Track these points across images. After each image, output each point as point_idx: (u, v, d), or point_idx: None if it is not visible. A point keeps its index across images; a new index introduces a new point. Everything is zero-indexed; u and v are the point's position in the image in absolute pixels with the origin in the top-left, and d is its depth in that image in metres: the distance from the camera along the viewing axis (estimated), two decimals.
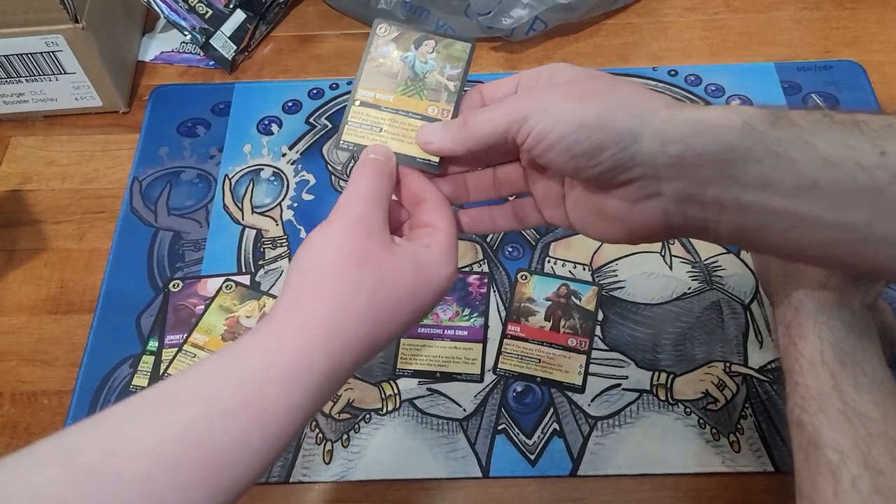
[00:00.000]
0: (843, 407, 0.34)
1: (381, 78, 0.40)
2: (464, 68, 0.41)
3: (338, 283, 0.33)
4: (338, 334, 0.32)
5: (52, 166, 0.65)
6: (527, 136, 0.34)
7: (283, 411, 0.30)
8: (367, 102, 0.40)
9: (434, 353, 0.53)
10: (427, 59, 0.41)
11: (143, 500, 0.27)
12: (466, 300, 0.56)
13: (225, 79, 0.70)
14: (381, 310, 0.33)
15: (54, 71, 0.63)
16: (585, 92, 0.34)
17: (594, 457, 0.49)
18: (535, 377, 0.52)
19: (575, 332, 0.54)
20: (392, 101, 0.40)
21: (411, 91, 0.40)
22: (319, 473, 0.49)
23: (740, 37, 0.71)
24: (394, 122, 0.40)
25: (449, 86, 0.40)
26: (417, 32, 0.41)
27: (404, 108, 0.40)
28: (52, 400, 0.52)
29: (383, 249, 0.34)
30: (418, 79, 0.40)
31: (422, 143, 0.38)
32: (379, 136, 0.39)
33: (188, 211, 0.61)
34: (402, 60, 0.41)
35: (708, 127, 0.32)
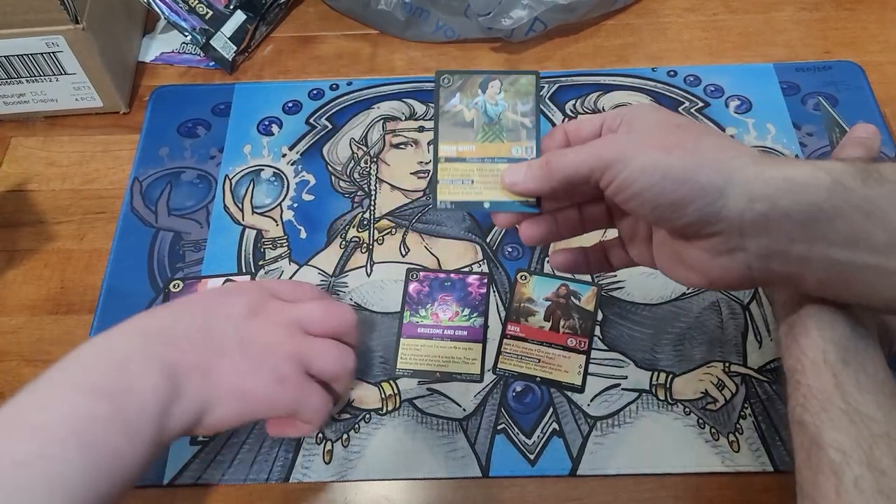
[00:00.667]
0: (846, 407, 0.34)
1: (458, 130, 0.41)
2: (535, 102, 0.41)
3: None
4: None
5: (52, 167, 0.65)
6: (609, 182, 0.35)
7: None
8: (451, 158, 0.41)
9: (434, 353, 0.53)
10: (497, 100, 0.42)
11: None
12: (466, 300, 0.56)
13: (225, 79, 0.71)
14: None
15: (55, 72, 0.63)
16: (670, 143, 0.34)
17: (593, 456, 0.49)
18: (535, 377, 0.52)
19: (574, 332, 0.54)
20: (475, 150, 0.41)
21: (491, 136, 0.41)
22: (319, 473, 0.49)
23: (739, 37, 0.71)
24: (482, 170, 0.40)
25: (525, 122, 0.41)
26: (480, 75, 0.42)
27: (489, 155, 0.41)
28: None
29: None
30: (494, 122, 0.41)
31: (508, 185, 0.39)
32: (472, 188, 0.40)
33: (188, 211, 0.62)
34: (473, 107, 0.41)
35: (796, 186, 0.33)
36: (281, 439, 0.50)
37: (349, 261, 0.58)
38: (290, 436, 0.48)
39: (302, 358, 0.44)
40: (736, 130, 0.64)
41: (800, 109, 0.65)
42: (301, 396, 0.44)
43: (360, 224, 0.60)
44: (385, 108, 0.67)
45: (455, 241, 0.59)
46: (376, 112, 0.67)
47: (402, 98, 0.68)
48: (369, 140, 0.65)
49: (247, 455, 0.50)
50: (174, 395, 0.39)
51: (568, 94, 0.67)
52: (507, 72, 0.42)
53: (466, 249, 0.59)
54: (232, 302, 0.45)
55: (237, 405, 0.42)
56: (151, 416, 0.38)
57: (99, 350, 0.39)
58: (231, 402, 0.41)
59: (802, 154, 0.62)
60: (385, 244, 0.59)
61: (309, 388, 0.44)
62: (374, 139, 0.65)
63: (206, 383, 0.41)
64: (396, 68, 0.70)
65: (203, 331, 0.42)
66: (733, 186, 0.33)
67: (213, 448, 0.50)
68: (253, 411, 0.43)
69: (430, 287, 0.56)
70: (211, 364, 0.41)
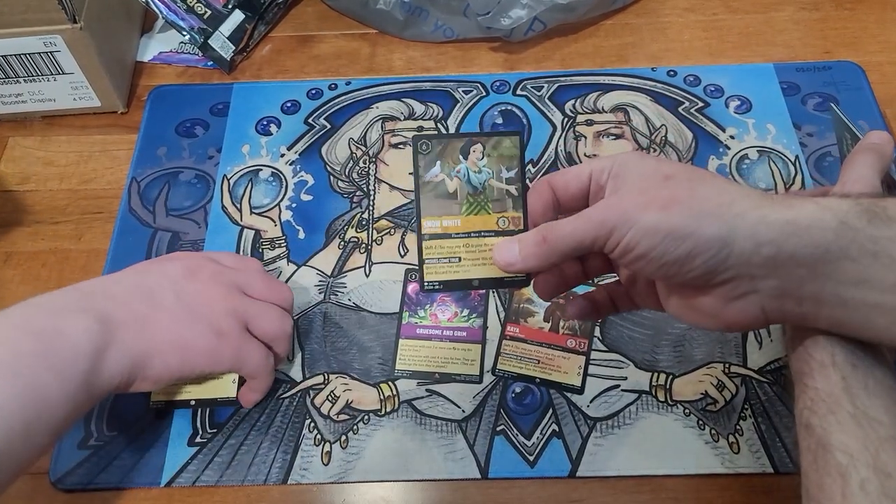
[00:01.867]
0: (854, 410, 0.34)
1: (441, 202, 0.39)
2: (519, 167, 0.39)
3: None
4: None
5: (50, 167, 0.65)
6: (614, 247, 0.35)
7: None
8: (435, 234, 0.39)
9: (433, 354, 0.53)
10: (479, 167, 0.40)
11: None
12: (465, 301, 0.55)
13: (223, 79, 0.70)
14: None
15: (52, 71, 0.63)
16: (666, 199, 0.34)
17: (593, 458, 0.49)
18: (534, 378, 0.52)
19: (574, 332, 0.54)
20: (460, 224, 0.39)
21: (476, 208, 0.39)
22: (318, 475, 0.49)
23: (739, 37, 0.71)
24: (468, 246, 0.39)
25: (511, 190, 0.39)
26: (460, 139, 0.39)
27: (475, 229, 0.39)
28: None
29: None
30: (478, 192, 0.39)
31: (503, 266, 0.38)
32: (460, 266, 0.39)
33: (186, 211, 0.61)
34: (455, 176, 0.39)
35: (801, 228, 0.33)
36: (279, 440, 0.50)
37: (348, 261, 0.58)
38: (250, 400, 0.50)
39: (241, 315, 0.46)
40: (736, 130, 0.64)
41: (800, 109, 0.65)
42: (241, 351, 0.46)
43: (358, 224, 0.60)
44: (384, 107, 0.67)
45: None
46: (375, 112, 0.67)
47: (401, 98, 0.68)
48: (368, 140, 0.65)
49: (245, 456, 0.50)
50: (108, 340, 0.41)
51: (567, 94, 0.67)
52: (488, 133, 0.41)
53: None
54: (171, 264, 0.47)
55: (176, 357, 0.43)
56: (82, 359, 0.39)
57: (39, 301, 0.42)
58: (170, 354, 0.43)
59: (803, 155, 0.62)
60: (384, 244, 0.59)
61: (248, 344, 0.46)
62: (372, 139, 0.65)
63: (143, 335, 0.42)
64: (395, 68, 0.70)
65: (141, 287, 0.45)
66: (737, 235, 0.33)
67: (211, 449, 0.50)
68: (193, 365, 0.44)
69: None
70: (148, 316, 0.43)
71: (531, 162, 0.63)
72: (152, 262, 0.49)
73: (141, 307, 0.44)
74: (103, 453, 0.50)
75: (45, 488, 0.49)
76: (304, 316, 0.55)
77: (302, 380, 0.53)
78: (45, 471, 0.49)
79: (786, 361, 0.52)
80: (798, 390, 0.37)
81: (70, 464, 0.49)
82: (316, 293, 0.56)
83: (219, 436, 0.50)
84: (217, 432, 0.50)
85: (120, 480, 0.49)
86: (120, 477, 0.49)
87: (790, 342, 0.39)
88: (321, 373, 0.53)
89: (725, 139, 0.63)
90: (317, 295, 0.56)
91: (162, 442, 0.50)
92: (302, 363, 0.53)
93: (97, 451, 0.50)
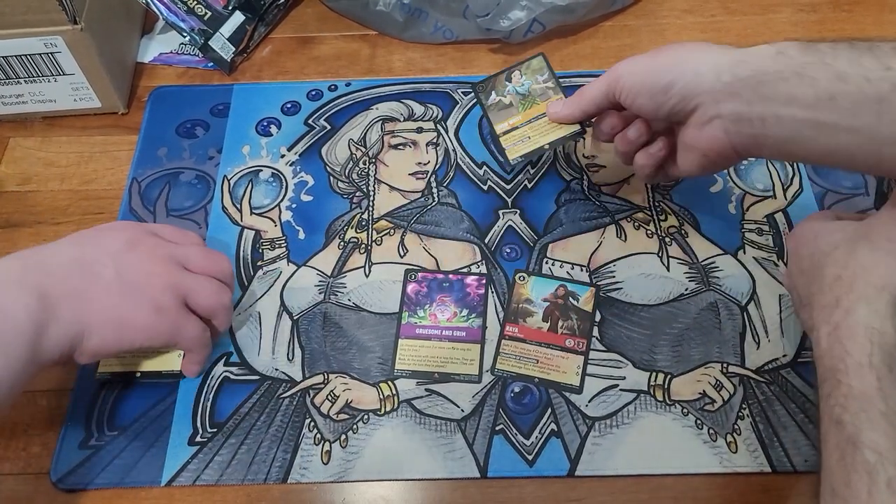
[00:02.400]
0: (886, 410, 0.35)
1: (503, 112, 0.58)
2: (549, 72, 0.59)
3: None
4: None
5: (51, 167, 0.65)
6: (620, 92, 0.49)
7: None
8: (507, 130, 0.57)
9: (432, 353, 0.53)
10: (521, 82, 0.59)
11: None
12: (464, 301, 0.56)
13: (224, 80, 0.71)
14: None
15: (53, 72, 0.63)
16: (653, 53, 0.48)
17: (592, 457, 0.49)
18: (533, 378, 0.52)
19: (573, 332, 0.54)
20: (521, 118, 0.57)
21: (528, 105, 0.57)
22: (317, 474, 0.49)
23: (737, 39, 0.71)
24: (532, 127, 0.57)
25: (548, 85, 0.58)
26: (501, 73, 0.59)
27: (533, 116, 0.57)
28: (51, 400, 0.53)
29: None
30: (526, 96, 0.58)
31: (551, 116, 0.56)
32: (531, 141, 0.56)
33: (187, 212, 0.62)
34: (508, 94, 0.58)
35: (749, 57, 0.43)
36: (279, 440, 0.50)
37: (347, 261, 0.58)
38: (192, 371, 0.51)
39: (180, 290, 0.47)
40: None
41: None
42: (178, 326, 0.47)
43: (358, 225, 0.60)
44: (384, 108, 0.67)
45: (453, 242, 0.59)
46: (375, 113, 0.67)
47: (401, 99, 0.68)
48: (368, 141, 0.65)
49: (245, 456, 0.50)
50: (48, 316, 0.42)
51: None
52: (519, 63, 0.59)
53: (465, 250, 0.59)
54: (110, 236, 0.48)
55: (115, 332, 0.44)
56: (24, 335, 0.41)
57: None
58: (108, 329, 0.44)
59: None
60: (383, 245, 0.59)
61: (186, 319, 0.47)
62: (372, 140, 0.65)
63: (81, 309, 0.43)
64: (395, 69, 0.71)
65: (79, 261, 0.45)
66: (704, 68, 0.45)
67: (212, 449, 0.50)
68: (131, 339, 0.45)
69: (428, 288, 0.56)
70: (87, 291, 0.44)
71: (530, 163, 0.63)
72: (91, 232, 0.49)
73: (79, 282, 0.44)
74: (104, 453, 0.50)
75: (46, 488, 0.49)
76: (304, 316, 0.56)
77: (302, 379, 0.53)
78: (45, 471, 0.49)
79: (784, 362, 0.52)
80: (830, 386, 0.38)
81: (71, 463, 0.50)
82: (316, 293, 0.57)
83: (219, 435, 0.51)
84: (217, 432, 0.51)
85: (120, 480, 0.49)
86: (120, 476, 0.49)
87: (822, 339, 0.40)
88: (321, 372, 0.53)
89: None
90: (317, 295, 0.57)
91: (162, 441, 0.50)
92: (302, 363, 0.53)
93: (98, 450, 0.50)
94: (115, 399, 0.52)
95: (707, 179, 0.61)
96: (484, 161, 0.63)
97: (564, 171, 0.63)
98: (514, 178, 0.62)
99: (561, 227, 0.59)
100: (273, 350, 0.54)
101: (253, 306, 0.56)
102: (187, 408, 0.52)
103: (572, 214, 0.60)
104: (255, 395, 0.52)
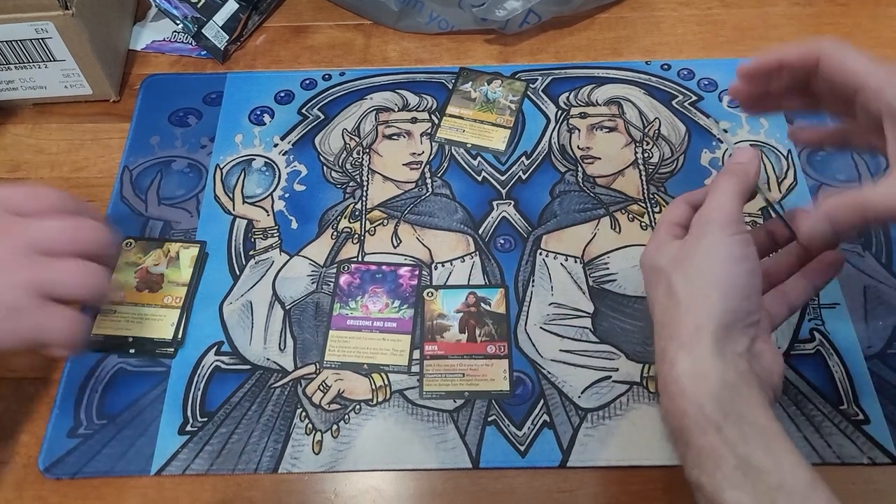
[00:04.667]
0: (737, 462, 0.34)
1: (463, 101, 0.66)
2: (521, 98, 0.65)
3: None
4: None
5: (41, 154, 0.64)
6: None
7: None
8: (453, 115, 0.64)
9: (362, 344, 0.53)
10: (496, 90, 0.66)
11: None
12: (397, 292, 0.55)
13: (217, 69, 0.70)
14: None
15: (44, 58, 0.63)
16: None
17: (584, 448, 0.49)
18: (463, 392, 0.51)
19: (492, 338, 0.53)
20: (472, 114, 0.65)
21: (485, 109, 0.65)
22: (308, 464, 0.49)
23: (733, 32, 0.71)
24: (472, 126, 0.64)
25: (511, 107, 0.65)
26: (488, 75, 0.67)
27: (479, 119, 0.64)
28: (40, 388, 0.52)
29: None
30: (490, 102, 0.65)
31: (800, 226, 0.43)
32: (462, 135, 0.63)
33: (179, 200, 0.61)
34: (478, 91, 0.66)
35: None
36: (270, 429, 0.50)
37: (340, 251, 0.58)
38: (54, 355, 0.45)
39: (40, 285, 0.42)
40: (729, 124, 0.64)
41: None
42: (42, 323, 0.42)
43: (351, 215, 0.60)
44: (378, 98, 0.67)
45: (447, 233, 0.59)
46: (369, 103, 0.67)
47: (396, 89, 0.67)
48: (362, 131, 0.65)
49: (236, 445, 0.49)
50: None
51: (561, 87, 0.67)
52: (506, 76, 0.66)
53: (458, 241, 0.58)
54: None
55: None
56: None
57: None
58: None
59: (795, 149, 0.62)
60: (377, 235, 0.59)
61: (50, 314, 0.42)
62: (366, 130, 0.65)
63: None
64: (390, 59, 0.70)
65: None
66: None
67: (202, 438, 0.50)
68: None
69: (361, 279, 0.56)
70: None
71: (525, 154, 0.63)
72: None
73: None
74: (93, 442, 0.50)
75: (35, 476, 0.49)
76: (297, 306, 0.55)
77: (293, 369, 0.52)
78: (34, 459, 0.49)
79: None
80: (682, 448, 0.37)
81: (59, 452, 0.49)
82: (308, 283, 0.56)
83: (209, 424, 0.50)
84: (207, 421, 0.50)
85: (109, 469, 0.49)
86: (110, 465, 0.49)
87: (663, 396, 0.38)
88: (313, 362, 0.53)
89: (718, 133, 0.63)
90: (309, 285, 0.56)
91: (152, 430, 0.50)
92: (294, 352, 0.53)
93: (87, 439, 0.50)
94: (104, 387, 0.52)
95: (701, 172, 0.61)
96: (478, 152, 0.63)
97: (559, 163, 0.62)
98: (508, 170, 0.62)
99: (555, 219, 0.59)
100: (265, 340, 0.54)
101: (245, 296, 0.56)
102: (177, 397, 0.51)
103: (566, 206, 0.60)
104: (247, 384, 0.52)
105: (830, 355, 0.52)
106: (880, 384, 0.51)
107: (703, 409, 0.35)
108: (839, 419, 0.49)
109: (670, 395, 0.37)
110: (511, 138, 0.64)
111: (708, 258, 0.39)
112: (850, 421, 0.49)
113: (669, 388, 0.37)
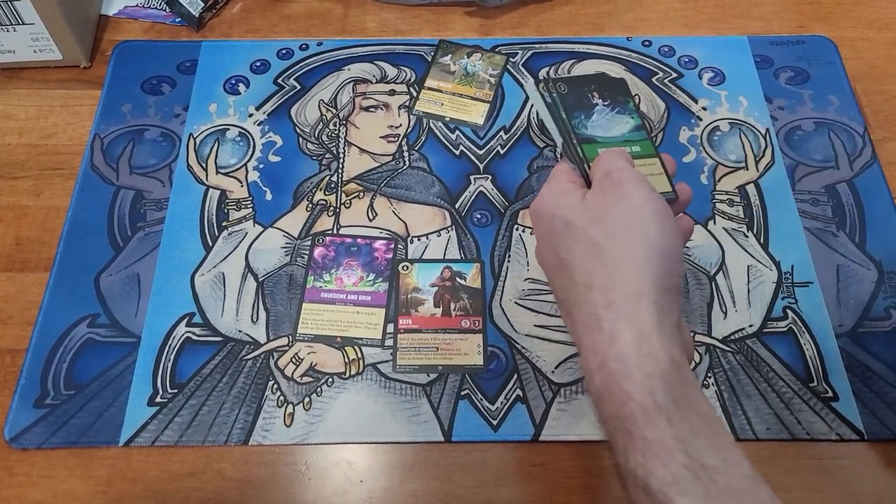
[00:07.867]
0: (688, 461, 0.30)
1: (443, 74, 0.65)
2: (501, 71, 0.65)
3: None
4: None
5: (8, 120, 0.63)
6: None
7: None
8: (432, 88, 0.64)
9: (336, 318, 0.53)
10: (475, 63, 0.65)
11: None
12: (371, 265, 0.55)
13: (192, 37, 0.69)
14: None
15: (12, 21, 0.61)
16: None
17: (556, 423, 0.49)
18: (437, 366, 0.51)
19: (466, 312, 0.53)
20: (451, 88, 0.64)
21: (465, 82, 0.64)
22: (280, 436, 0.48)
23: (715, 9, 0.71)
24: (452, 100, 0.63)
25: (491, 80, 0.65)
26: (468, 48, 0.66)
27: (458, 92, 0.64)
28: (6, 358, 0.51)
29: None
30: (469, 75, 0.65)
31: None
32: (440, 108, 0.63)
33: (151, 170, 0.60)
34: (457, 64, 0.65)
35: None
36: (241, 402, 0.49)
37: (315, 224, 0.57)
38: None
39: None
40: (709, 102, 0.64)
41: (772, 83, 0.65)
42: None
43: (327, 187, 0.59)
44: (356, 70, 0.66)
45: (423, 207, 0.58)
46: (346, 74, 0.66)
47: (374, 60, 0.66)
48: (339, 102, 0.64)
49: (206, 417, 0.49)
50: None
51: (542, 62, 0.66)
52: (486, 50, 0.65)
53: (435, 215, 0.58)
54: None
55: None
56: None
57: None
58: None
59: (773, 128, 0.62)
60: (352, 208, 0.58)
61: None
62: (343, 101, 0.64)
63: None
64: (368, 30, 0.69)
65: None
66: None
67: (172, 409, 0.49)
68: None
69: (336, 252, 0.56)
70: None
71: (503, 129, 0.62)
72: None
73: None
74: (60, 412, 0.49)
75: (0, 447, 0.48)
76: (270, 278, 0.55)
77: (266, 341, 0.52)
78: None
79: (750, 332, 0.52)
80: (623, 440, 0.32)
81: (25, 422, 0.48)
82: (282, 255, 0.56)
83: (179, 396, 0.50)
84: (178, 392, 0.50)
85: (77, 439, 0.48)
86: (77, 436, 0.48)
87: (597, 374, 0.33)
88: (286, 335, 0.52)
89: (697, 110, 0.63)
90: (283, 257, 0.56)
91: (121, 401, 0.49)
92: (266, 325, 0.53)
93: (54, 409, 0.49)
94: (72, 357, 0.51)
95: (680, 149, 0.61)
96: (456, 126, 0.62)
97: (538, 139, 0.62)
98: (486, 144, 0.61)
99: (533, 194, 0.59)
100: (237, 311, 0.53)
101: (217, 267, 0.55)
102: (147, 368, 0.51)
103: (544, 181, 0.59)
104: (218, 356, 0.51)
105: (802, 333, 0.52)
106: (850, 362, 0.51)
107: (653, 395, 0.31)
108: (809, 396, 0.50)
109: (609, 375, 0.32)
110: (490, 112, 0.63)
111: (637, 214, 0.35)
112: (820, 398, 0.50)
113: (609, 366, 0.32)
